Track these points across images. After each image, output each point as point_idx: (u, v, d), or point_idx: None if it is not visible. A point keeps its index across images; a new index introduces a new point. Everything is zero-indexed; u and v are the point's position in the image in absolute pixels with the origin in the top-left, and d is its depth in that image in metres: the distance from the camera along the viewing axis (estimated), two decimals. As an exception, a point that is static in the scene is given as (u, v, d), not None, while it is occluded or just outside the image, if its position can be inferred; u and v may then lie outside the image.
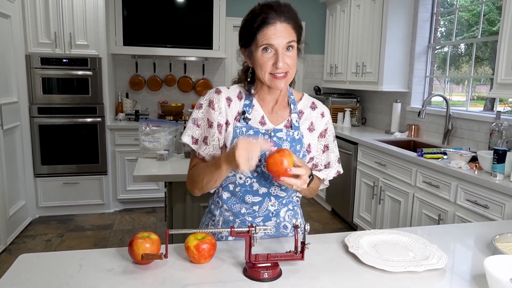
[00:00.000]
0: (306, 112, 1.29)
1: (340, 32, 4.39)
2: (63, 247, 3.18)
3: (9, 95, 3.29)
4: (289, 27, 1.13)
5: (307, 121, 1.28)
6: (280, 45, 1.12)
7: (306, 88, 4.98)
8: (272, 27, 1.11)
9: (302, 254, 1.02)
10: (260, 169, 1.20)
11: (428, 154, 2.61)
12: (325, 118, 1.31)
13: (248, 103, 1.23)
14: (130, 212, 4.06)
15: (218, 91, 1.24)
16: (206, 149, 1.22)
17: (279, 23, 1.12)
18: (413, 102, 3.71)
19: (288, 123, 1.25)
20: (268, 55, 1.13)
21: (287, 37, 1.12)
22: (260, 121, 1.23)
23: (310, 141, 1.28)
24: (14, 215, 3.31)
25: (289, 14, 1.15)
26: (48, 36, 3.57)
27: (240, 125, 1.20)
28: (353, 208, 3.60)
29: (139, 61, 4.42)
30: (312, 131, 1.29)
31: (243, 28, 1.17)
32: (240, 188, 1.22)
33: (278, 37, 1.11)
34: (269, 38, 1.11)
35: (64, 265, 1.01)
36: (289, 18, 1.14)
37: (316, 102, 1.33)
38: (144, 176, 2.05)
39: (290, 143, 1.21)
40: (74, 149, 3.81)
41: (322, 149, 1.31)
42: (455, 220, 2.34)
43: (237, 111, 1.23)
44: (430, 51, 3.64)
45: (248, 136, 1.19)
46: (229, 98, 1.23)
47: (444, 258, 1.06)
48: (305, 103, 1.30)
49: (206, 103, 1.23)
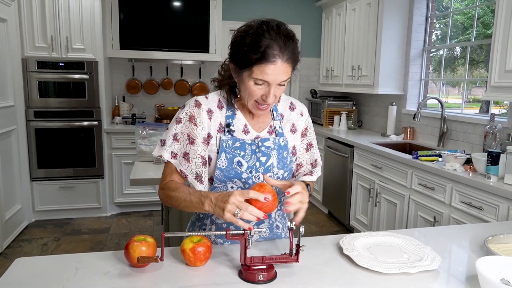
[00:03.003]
0: (286, 114, 1.29)
1: (336, 36, 4.41)
2: (59, 251, 3.17)
3: (5, 98, 3.28)
4: (289, 67, 1.07)
5: (288, 124, 1.28)
6: (276, 82, 1.07)
7: (302, 91, 5.00)
8: (272, 65, 1.04)
9: (297, 256, 1.03)
10: (251, 181, 1.19)
11: (423, 156, 2.63)
12: (304, 116, 1.31)
13: (230, 114, 1.20)
14: (127, 215, 4.05)
15: (198, 104, 1.19)
16: (189, 167, 1.17)
17: (280, 63, 1.04)
18: (409, 105, 3.73)
19: (271, 128, 1.24)
20: (260, 87, 1.08)
21: (284, 76, 1.07)
22: (243, 129, 1.21)
23: (294, 143, 1.28)
24: (10, 219, 3.30)
25: (293, 52, 1.07)
26: (44, 40, 3.58)
27: (226, 138, 1.17)
28: (349, 210, 3.61)
29: (136, 64, 4.43)
30: (295, 132, 1.29)
31: (238, 48, 1.08)
32: None
33: (275, 75, 1.06)
34: (265, 75, 1.05)
35: (60, 269, 1.01)
36: (291, 58, 1.07)
37: (294, 101, 1.32)
38: (140, 180, 2.06)
39: (277, 151, 1.21)
40: (70, 152, 3.81)
41: (305, 148, 1.32)
42: (450, 222, 2.36)
43: (219, 122, 1.20)
44: (425, 54, 3.67)
45: (235, 149, 1.17)
46: (209, 110, 1.19)
47: (437, 260, 1.07)
48: (283, 105, 1.30)
49: (186, 118, 1.18)
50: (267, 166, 1.20)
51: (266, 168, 1.20)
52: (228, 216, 0.97)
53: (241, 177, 1.18)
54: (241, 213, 0.97)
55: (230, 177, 1.18)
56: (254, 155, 1.18)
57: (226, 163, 1.17)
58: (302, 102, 5.59)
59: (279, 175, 1.22)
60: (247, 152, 1.18)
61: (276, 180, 1.13)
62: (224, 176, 1.18)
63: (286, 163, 1.23)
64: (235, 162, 1.17)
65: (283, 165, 1.23)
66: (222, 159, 1.17)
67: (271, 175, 1.20)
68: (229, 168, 1.17)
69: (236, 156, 1.17)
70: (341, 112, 4.36)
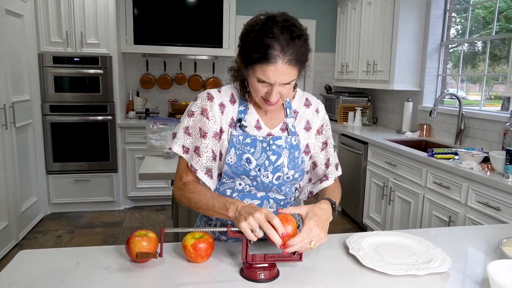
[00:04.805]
0: (300, 111, 1.24)
1: (351, 30, 4.34)
2: (72, 244, 3.22)
3: (22, 93, 3.34)
4: (291, 68, 1.01)
5: (302, 121, 1.23)
6: (277, 82, 1.03)
7: (316, 87, 4.94)
8: (272, 66, 1.00)
9: (300, 255, 1.00)
10: (260, 179, 1.16)
11: (439, 154, 2.56)
12: (321, 113, 1.26)
13: (242, 108, 1.17)
14: (140, 209, 4.09)
15: (210, 97, 1.16)
16: (199, 161, 1.14)
17: (281, 63, 0.99)
18: (425, 101, 3.64)
19: (284, 126, 1.20)
20: (263, 85, 1.05)
21: (286, 78, 1.02)
22: (256, 125, 1.18)
23: (308, 141, 1.23)
24: (26, 211, 3.36)
25: (297, 53, 1.00)
26: (60, 35, 3.62)
27: (237, 133, 1.14)
28: (362, 208, 3.56)
29: (150, 59, 4.45)
30: (309, 130, 1.24)
31: (243, 44, 1.05)
32: (238, 193, 1.19)
33: (276, 76, 1.01)
34: (265, 75, 1.02)
35: (62, 262, 1.01)
36: (294, 59, 1.00)
37: (310, 97, 1.27)
38: (150, 174, 2.06)
39: (289, 150, 1.17)
40: (85, 146, 3.86)
41: (320, 147, 1.26)
42: (466, 222, 2.29)
43: (231, 117, 1.17)
44: (443, 49, 3.56)
45: (245, 145, 1.14)
46: (222, 104, 1.16)
47: (447, 262, 1.03)
48: (298, 101, 1.24)
49: (198, 111, 1.16)
50: (276, 165, 1.16)
51: (275, 167, 1.16)
52: (244, 226, 0.93)
53: (249, 174, 1.15)
54: (258, 232, 0.93)
55: (238, 174, 1.15)
56: (264, 153, 1.15)
57: (235, 159, 1.14)
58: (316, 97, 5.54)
59: (289, 175, 1.18)
60: (257, 149, 1.14)
61: (293, 208, 1.02)
62: (232, 172, 1.15)
63: (297, 163, 1.19)
64: (244, 159, 1.14)
65: (294, 165, 1.18)
66: (231, 154, 1.14)
67: (281, 174, 1.17)
68: (237, 164, 1.14)
69: (246, 152, 1.14)
70: (355, 108, 4.29)
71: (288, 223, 0.98)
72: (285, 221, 0.98)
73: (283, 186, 1.20)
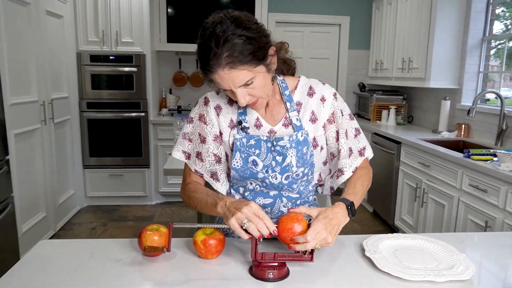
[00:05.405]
0: (304, 101, 1.16)
1: (386, 26, 4.19)
2: (105, 236, 3.34)
3: (61, 90, 3.49)
4: (237, 70, 0.96)
5: (307, 112, 1.15)
6: (233, 87, 0.99)
7: (349, 85, 4.83)
8: (216, 75, 0.97)
9: (311, 255, 0.97)
10: (268, 180, 1.13)
11: (476, 155, 2.41)
12: (328, 101, 1.15)
13: (242, 110, 1.14)
14: (171, 205, 4.17)
15: (206, 101, 1.17)
16: (203, 166, 1.16)
17: (221, 72, 0.96)
18: (464, 100, 3.45)
19: (287, 121, 1.14)
20: (228, 92, 1.03)
21: (238, 81, 0.98)
22: (256, 124, 1.14)
23: (315, 134, 1.15)
24: (63, 203, 3.52)
25: (231, 55, 0.94)
26: (96, 35, 3.75)
27: (239, 136, 1.12)
28: (394, 210, 3.43)
29: (182, 57, 4.52)
30: (315, 121, 1.15)
31: None
32: (249, 192, 1.17)
33: (226, 82, 0.98)
34: (218, 84, 1.01)
35: (77, 253, 1.04)
36: (232, 62, 0.94)
37: (314, 85, 1.17)
38: (174, 170, 2.09)
39: (295, 148, 1.10)
40: (119, 142, 3.98)
41: (334, 137, 1.17)
42: (504, 227, 2.15)
43: (230, 118, 1.15)
44: (485, 45, 3.37)
45: (250, 147, 1.11)
46: (218, 106, 1.16)
47: (470, 269, 0.96)
48: (301, 92, 1.16)
49: (196, 117, 1.17)
50: (284, 165, 1.11)
51: (283, 168, 1.12)
52: (233, 222, 0.92)
53: (257, 177, 1.12)
54: (248, 225, 0.92)
55: (246, 177, 1.13)
56: (270, 153, 1.11)
57: (241, 162, 1.12)
58: (349, 96, 5.29)
59: (299, 172, 1.14)
60: (262, 150, 1.11)
61: (304, 208, 0.99)
62: (240, 176, 1.13)
63: (306, 159, 1.13)
64: (250, 162, 1.11)
65: (303, 162, 1.13)
66: (237, 158, 1.12)
67: (290, 174, 1.13)
68: (244, 168, 1.12)
69: (251, 155, 1.11)
70: (389, 106, 4.15)
71: (299, 223, 0.95)
72: (296, 220, 0.96)
73: (294, 184, 1.15)
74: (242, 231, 0.92)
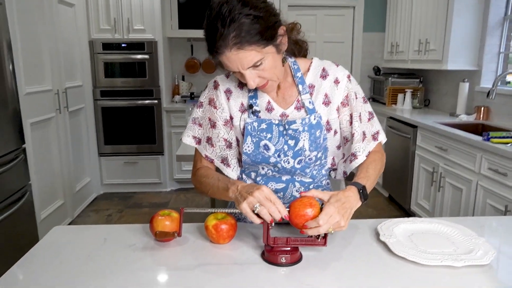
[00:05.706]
0: (317, 84, 1.13)
1: (402, 7, 4.07)
2: (121, 222, 3.38)
3: (74, 79, 3.52)
4: (245, 51, 0.93)
5: (320, 95, 1.12)
6: (242, 69, 0.97)
7: (364, 69, 4.73)
8: (224, 56, 0.95)
9: (324, 240, 0.95)
10: (281, 165, 1.11)
11: (496, 138, 2.34)
12: (342, 83, 1.12)
13: (253, 93, 1.11)
14: (185, 191, 4.20)
15: (216, 85, 1.14)
16: (213, 151, 1.14)
17: (228, 53, 0.93)
18: (484, 82, 3.34)
19: (299, 104, 1.11)
20: (237, 74, 1.01)
21: (246, 62, 0.95)
22: (267, 107, 1.11)
23: (328, 117, 1.13)
24: (80, 190, 3.58)
25: (239, 35, 0.91)
26: (108, 22, 3.74)
27: (250, 120, 1.09)
28: (410, 195, 3.38)
29: (194, 44, 4.49)
30: (328, 104, 1.12)
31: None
32: (261, 177, 1.16)
33: (235, 64, 0.96)
34: (227, 66, 0.98)
35: (90, 238, 1.04)
36: (239, 42, 0.91)
37: (327, 67, 1.13)
38: (186, 156, 2.09)
39: (308, 132, 1.08)
40: (134, 130, 4.00)
41: (348, 120, 1.14)
42: (524, 212, 2.09)
43: (241, 102, 1.12)
44: (507, 24, 3.23)
45: (261, 131, 1.09)
46: (228, 90, 1.13)
47: (490, 253, 0.93)
48: (314, 74, 1.13)
49: (206, 101, 1.15)
50: (296, 149, 1.09)
51: (296, 152, 1.10)
52: (244, 206, 0.91)
53: (269, 161, 1.11)
54: (259, 209, 0.90)
55: (257, 162, 1.12)
56: (282, 137, 1.09)
57: (253, 147, 1.10)
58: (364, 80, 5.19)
59: (312, 156, 1.11)
60: (274, 134, 1.09)
61: (316, 191, 0.97)
62: (251, 161, 1.12)
63: (319, 143, 1.11)
64: (261, 146, 1.09)
65: (316, 146, 1.10)
66: (248, 143, 1.10)
67: (303, 158, 1.11)
68: (255, 152, 1.10)
69: (263, 139, 1.09)
70: (405, 90, 4.05)
71: (312, 207, 0.93)
72: (309, 205, 0.93)
73: (307, 168, 1.13)
74: (254, 215, 0.91)
